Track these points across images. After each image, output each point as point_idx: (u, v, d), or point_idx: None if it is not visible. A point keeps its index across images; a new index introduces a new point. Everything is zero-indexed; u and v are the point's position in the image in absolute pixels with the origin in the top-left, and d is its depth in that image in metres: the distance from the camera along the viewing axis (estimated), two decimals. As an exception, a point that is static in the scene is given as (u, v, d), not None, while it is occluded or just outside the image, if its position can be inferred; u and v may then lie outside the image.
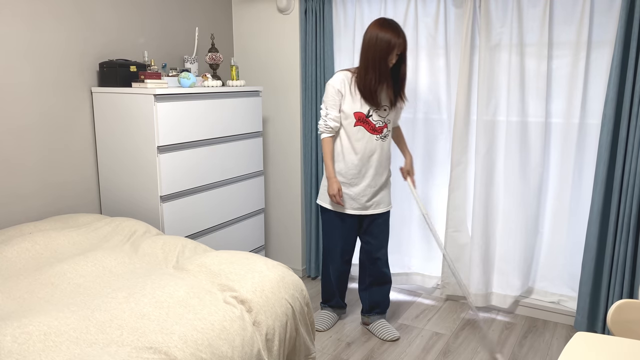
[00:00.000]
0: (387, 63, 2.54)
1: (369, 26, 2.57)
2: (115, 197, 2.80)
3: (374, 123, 2.63)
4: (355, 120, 2.62)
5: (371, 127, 2.63)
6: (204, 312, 1.67)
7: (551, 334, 2.93)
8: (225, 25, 3.59)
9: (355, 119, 2.62)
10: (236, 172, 3.10)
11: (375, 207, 2.76)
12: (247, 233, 3.25)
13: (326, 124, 2.66)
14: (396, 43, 2.50)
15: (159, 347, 1.49)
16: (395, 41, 2.49)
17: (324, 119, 2.66)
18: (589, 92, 2.82)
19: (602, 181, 2.69)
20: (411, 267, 3.46)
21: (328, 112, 2.65)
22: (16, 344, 1.41)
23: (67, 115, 2.66)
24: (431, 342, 2.84)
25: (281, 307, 1.85)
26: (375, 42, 2.51)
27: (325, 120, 2.66)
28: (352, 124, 2.63)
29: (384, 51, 2.50)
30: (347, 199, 2.72)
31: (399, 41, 2.50)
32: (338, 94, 2.63)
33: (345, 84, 2.62)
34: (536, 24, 2.83)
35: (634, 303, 1.66)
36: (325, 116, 2.66)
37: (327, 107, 2.66)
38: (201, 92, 2.79)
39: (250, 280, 1.86)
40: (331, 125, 2.65)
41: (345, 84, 2.62)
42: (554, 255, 3.08)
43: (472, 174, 3.13)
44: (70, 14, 2.62)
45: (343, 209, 2.74)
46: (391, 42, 2.49)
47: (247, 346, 1.67)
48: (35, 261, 2.03)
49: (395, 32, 2.50)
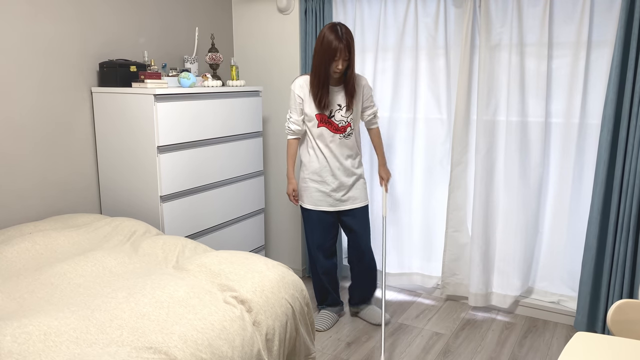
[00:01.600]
0: (329, 68, 2.60)
1: (322, 29, 2.69)
2: (115, 197, 2.80)
3: (337, 123, 2.74)
4: (318, 121, 2.73)
5: (334, 127, 2.74)
6: (204, 312, 1.67)
7: (551, 334, 2.93)
8: (225, 25, 3.59)
9: (317, 120, 2.73)
10: (236, 172, 3.10)
11: (352, 202, 2.86)
12: (247, 233, 3.25)
13: (288, 127, 2.82)
14: (337, 47, 2.53)
15: (158, 347, 1.49)
16: (336, 45, 2.53)
17: (287, 122, 2.82)
18: (589, 92, 2.82)
19: (602, 181, 2.69)
20: (411, 267, 3.46)
21: (290, 116, 2.80)
22: (16, 344, 1.40)
23: (67, 115, 2.66)
24: (431, 342, 2.84)
25: (281, 307, 1.86)
26: (320, 46, 2.60)
27: (288, 123, 2.81)
28: (316, 125, 2.75)
29: (327, 55, 2.57)
30: (322, 196, 2.83)
31: (340, 46, 2.53)
32: (298, 98, 2.76)
33: (303, 88, 2.74)
34: (536, 24, 2.83)
35: (634, 303, 1.66)
36: (288, 119, 2.81)
37: (290, 110, 2.81)
38: (201, 92, 2.79)
39: (250, 280, 1.86)
40: (292, 128, 2.80)
41: (303, 88, 2.74)
42: (554, 255, 3.08)
43: (472, 174, 3.13)
44: (70, 14, 2.62)
45: (319, 206, 2.84)
46: (332, 46, 2.53)
47: (247, 346, 1.67)
48: (35, 261, 2.03)
49: (337, 36, 2.53)
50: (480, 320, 3.08)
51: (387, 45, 3.24)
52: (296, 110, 2.77)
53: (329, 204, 2.83)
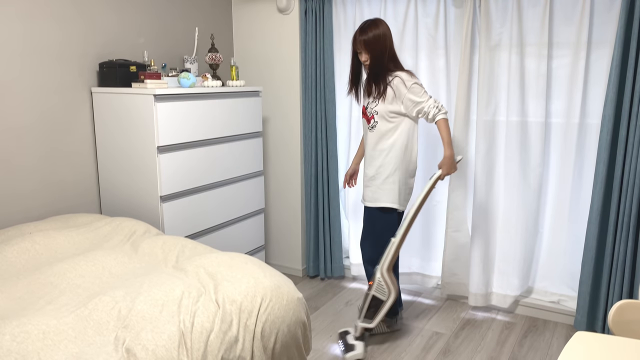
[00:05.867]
0: (355, 59, 2.74)
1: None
2: (115, 197, 2.80)
3: (368, 114, 2.75)
4: (362, 113, 2.81)
5: (367, 119, 2.76)
6: (197, 312, 1.67)
7: (551, 333, 2.93)
8: (225, 25, 3.59)
9: (362, 112, 2.81)
10: (236, 172, 3.10)
11: (364, 199, 2.82)
12: (247, 233, 3.25)
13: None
14: (355, 40, 2.67)
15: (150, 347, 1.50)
16: (355, 38, 2.66)
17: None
18: (589, 92, 2.81)
19: (601, 181, 2.69)
20: (411, 267, 3.46)
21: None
22: (15, 343, 1.41)
23: (67, 116, 2.67)
24: (431, 341, 2.84)
25: (272, 315, 1.83)
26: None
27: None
28: (361, 116, 2.87)
29: (352, 47, 2.73)
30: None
31: (354, 38, 2.67)
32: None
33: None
34: (536, 24, 2.83)
35: (635, 303, 1.66)
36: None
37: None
38: (201, 92, 2.79)
39: (245, 284, 1.84)
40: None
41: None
42: (554, 255, 3.08)
43: (472, 174, 3.13)
44: (70, 14, 2.63)
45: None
46: (353, 39, 2.69)
47: (237, 349, 1.67)
48: (35, 261, 2.04)
49: (359, 30, 2.66)
50: (480, 320, 3.08)
51: (387, 45, 3.24)
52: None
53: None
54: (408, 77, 2.63)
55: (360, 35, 2.62)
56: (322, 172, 3.47)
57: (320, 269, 3.61)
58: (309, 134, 3.47)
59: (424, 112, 2.64)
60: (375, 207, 2.75)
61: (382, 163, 2.71)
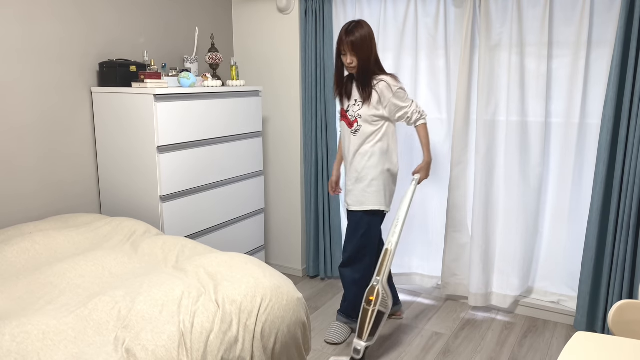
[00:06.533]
0: (339, 61, 2.67)
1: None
2: (115, 197, 2.80)
3: (350, 118, 2.72)
4: (340, 116, 2.78)
5: (348, 122, 2.73)
6: (197, 312, 1.67)
7: (551, 333, 2.93)
8: (225, 25, 3.59)
9: (341, 114, 2.78)
10: (236, 172, 3.10)
11: (348, 203, 2.77)
12: (247, 233, 3.25)
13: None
14: (341, 40, 2.60)
15: (150, 347, 1.50)
16: (341, 39, 2.60)
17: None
18: (589, 92, 2.81)
19: (601, 181, 2.69)
20: (411, 267, 3.46)
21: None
22: (15, 343, 1.41)
23: (67, 115, 2.67)
24: (431, 342, 2.84)
25: (271, 315, 1.83)
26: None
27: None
28: (339, 119, 2.83)
29: (337, 48, 2.66)
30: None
31: (339, 39, 2.61)
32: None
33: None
34: (536, 24, 2.83)
35: (635, 303, 1.66)
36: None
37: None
38: (201, 92, 2.79)
39: (245, 285, 1.84)
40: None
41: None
42: (554, 255, 3.08)
43: (472, 174, 3.12)
44: (70, 14, 2.63)
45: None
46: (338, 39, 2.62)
47: (237, 350, 1.67)
48: (34, 261, 2.04)
49: (344, 30, 2.61)
50: (480, 320, 3.08)
51: (387, 45, 3.24)
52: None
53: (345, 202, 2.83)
54: (394, 82, 2.63)
55: (347, 37, 2.56)
56: (322, 172, 3.46)
57: (320, 269, 3.61)
58: (309, 133, 3.47)
59: (406, 117, 2.68)
60: (361, 211, 2.72)
61: (366, 165, 2.69)
